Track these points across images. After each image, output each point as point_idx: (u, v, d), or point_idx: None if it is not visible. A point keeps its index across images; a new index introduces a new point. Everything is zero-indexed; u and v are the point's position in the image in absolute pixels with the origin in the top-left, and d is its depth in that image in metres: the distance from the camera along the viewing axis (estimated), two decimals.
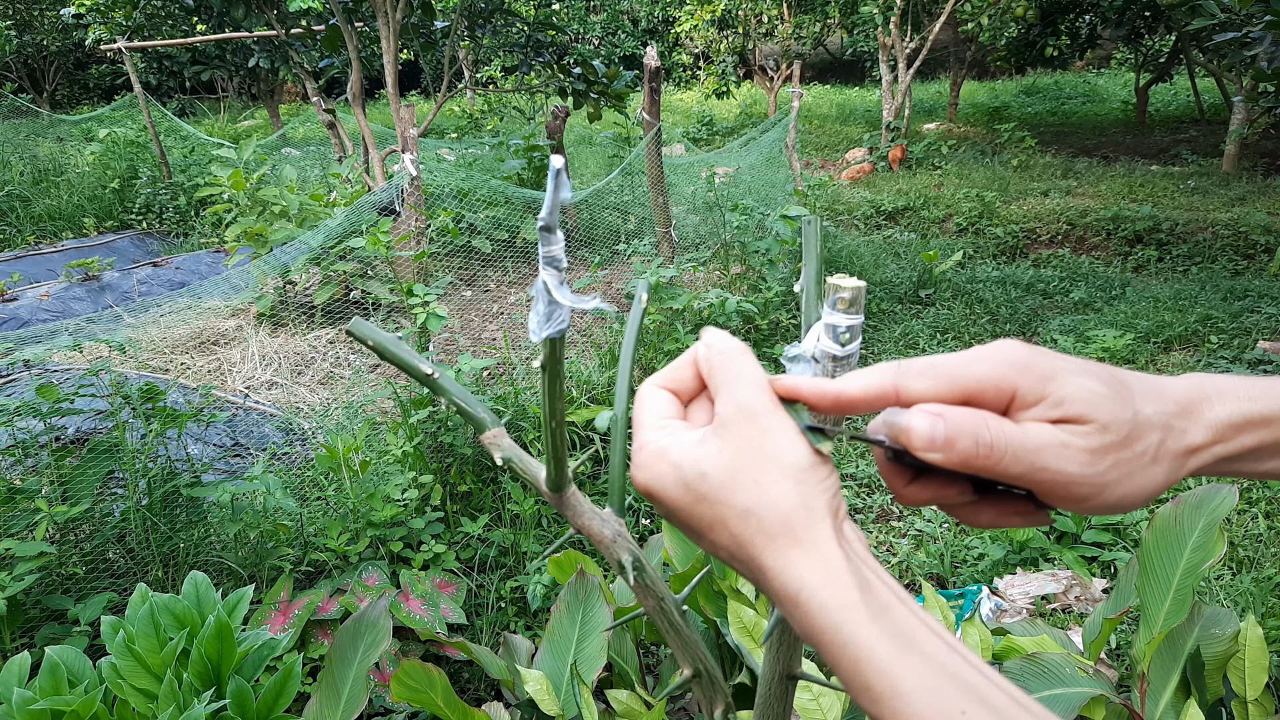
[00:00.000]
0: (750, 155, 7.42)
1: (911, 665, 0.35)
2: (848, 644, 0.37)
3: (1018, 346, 0.42)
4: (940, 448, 0.39)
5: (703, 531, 0.42)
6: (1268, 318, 4.95)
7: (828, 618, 0.37)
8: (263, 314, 5.01)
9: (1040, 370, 0.41)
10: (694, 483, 0.41)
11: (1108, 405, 0.40)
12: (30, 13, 14.38)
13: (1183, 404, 0.42)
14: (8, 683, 1.41)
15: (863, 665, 0.36)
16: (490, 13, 6.11)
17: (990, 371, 0.41)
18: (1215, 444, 0.42)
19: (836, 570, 0.38)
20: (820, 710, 1.47)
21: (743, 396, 0.42)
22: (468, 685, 2.26)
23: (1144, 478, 0.41)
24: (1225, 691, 1.50)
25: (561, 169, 0.48)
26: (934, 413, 0.40)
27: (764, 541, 0.40)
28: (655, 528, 3.05)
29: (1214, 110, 11.10)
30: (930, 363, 0.42)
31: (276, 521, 2.33)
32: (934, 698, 0.35)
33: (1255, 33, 4.58)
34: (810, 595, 0.38)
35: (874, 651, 0.36)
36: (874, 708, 0.36)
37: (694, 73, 18.15)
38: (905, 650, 0.36)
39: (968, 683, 0.35)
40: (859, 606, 0.37)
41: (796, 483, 0.40)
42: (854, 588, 0.38)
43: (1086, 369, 0.41)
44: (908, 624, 0.37)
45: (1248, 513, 3.04)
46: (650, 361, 3.89)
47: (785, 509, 0.40)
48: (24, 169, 8.99)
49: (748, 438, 0.41)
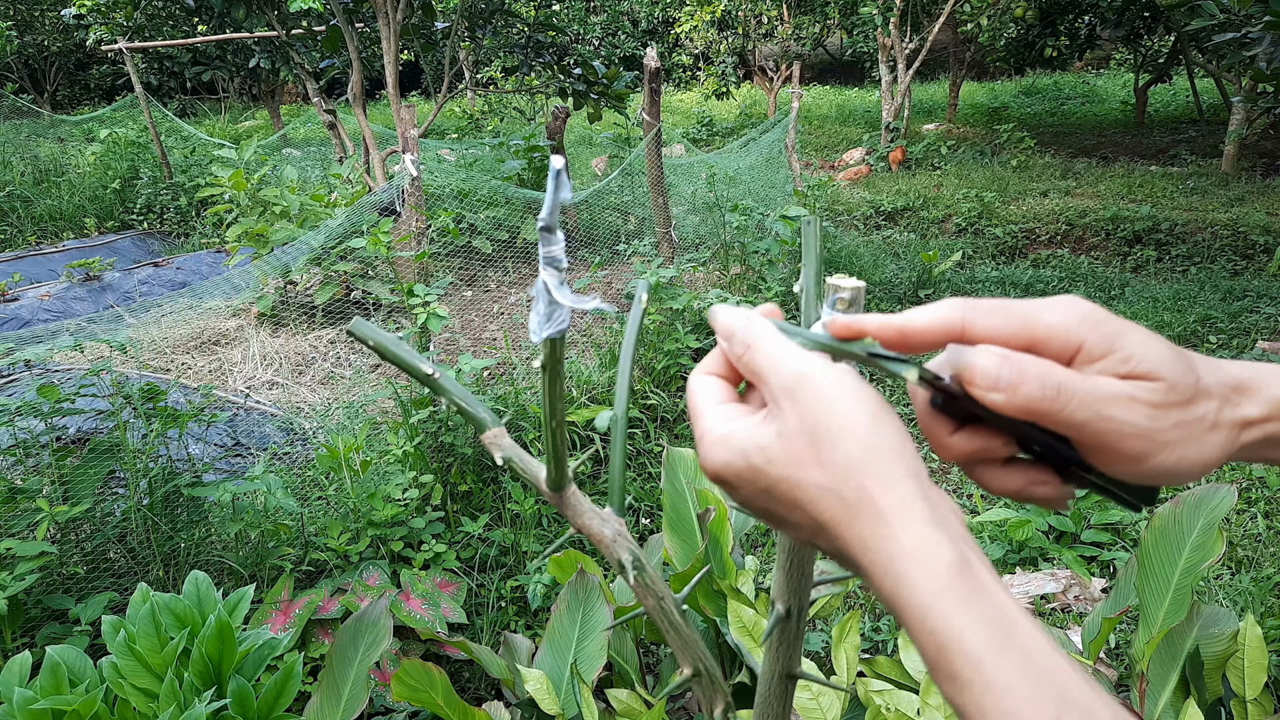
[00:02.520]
0: (750, 156, 7.42)
1: (1008, 660, 0.33)
2: (937, 629, 0.34)
3: (1086, 303, 0.41)
4: (1004, 388, 0.38)
5: (782, 515, 0.41)
6: (1267, 318, 4.95)
7: (917, 598, 0.35)
8: (263, 314, 5.01)
9: (1109, 328, 0.40)
10: (762, 468, 0.40)
11: (1175, 365, 0.40)
12: (31, 13, 14.38)
13: (1239, 380, 0.42)
14: (9, 682, 1.42)
15: (952, 652, 0.34)
16: (490, 13, 6.12)
17: (1060, 320, 0.40)
18: (1268, 420, 0.42)
19: (926, 545, 0.36)
20: (820, 710, 1.47)
21: (781, 375, 0.41)
22: (468, 684, 2.27)
23: (1202, 445, 0.40)
24: (1224, 691, 1.51)
25: (562, 169, 0.48)
26: (1001, 354, 0.39)
27: (846, 518, 0.38)
28: (655, 527, 3.05)
29: (1213, 111, 11.10)
30: (1000, 303, 0.41)
31: (277, 521, 2.33)
32: (1032, 696, 0.32)
33: (1254, 33, 4.58)
34: (899, 572, 0.36)
35: (965, 639, 0.33)
36: (957, 696, 0.34)
37: (694, 73, 18.15)
38: (1003, 643, 0.33)
39: (1062, 683, 0.33)
40: (952, 587, 0.34)
41: (865, 449, 0.38)
42: (947, 566, 0.35)
43: (1151, 334, 0.41)
44: (1007, 612, 0.34)
45: (1246, 512, 3.05)
46: (650, 362, 3.90)
47: (860, 480, 0.37)
48: (25, 169, 9.00)
49: (800, 415, 0.39)
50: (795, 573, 0.69)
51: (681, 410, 3.82)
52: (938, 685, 0.35)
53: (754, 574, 1.85)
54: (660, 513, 2.39)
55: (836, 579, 0.85)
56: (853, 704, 1.55)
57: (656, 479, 3.32)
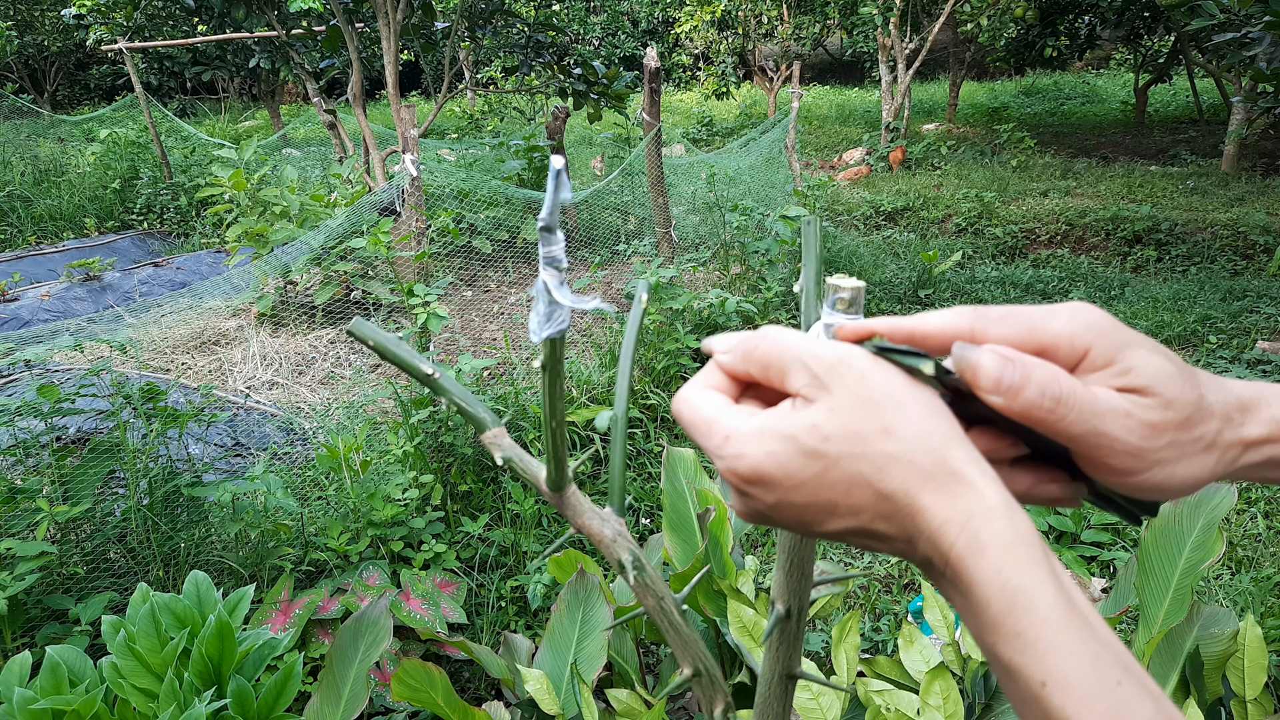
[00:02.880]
0: (750, 156, 7.42)
1: (1073, 625, 0.33)
2: (1010, 584, 0.34)
3: (1095, 310, 0.42)
4: (1005, 391, 0.38)
5: (837, 501, 0.38)
6: (1266, 318, 4.95)
7: (993, 554, 0.35)
8: (263, 314, 5.02)
9: (1115, 337, 0.40)
10: (818, 448, 0.38)
11: (1175, 383, 0.40)
12: (31, 13, 14.39)
13: (1243, 400, 0.42)
14: (9, 682, 1.42)
15: (1021, 609, 0.34)
16: (490, 13, 6.12)
17: (1067, 327, 0.40)
18: (1269, 442, 0.42)
19: (1005, 503, 0.36)
20: (820, 710, 1.47)
21: (821, 358, 0.40)
22: (468, 684, 2.27)
23: (1193, 464, 0.40)
24: (1224, 691, 1.51)
25: (562, 169, 0.48)
26: (1006, 355, 0.39)
27: (918, 482, 0.37)
28: (655, 527, 3.05)
29: (1213, 111, 11.10)
30: (1009, 310, 0.42)
31: (277, 521, 2.33)
32: (1095, 662, 0.33)
33: (1254, 33, 4.58)
34: (977, 529, 0.35)
35: (1036, 599, 0.34)
36: (1019, 655, 0.34)
37: (694, 73, 18.16)
38: (1069, 608, 0.34)
39: (1120, 653, 0.34)
40: (1026, 547, 0.35)
41: (929, 414, 0.38)
42: (1022, 526, 0.35)
43: (1158, 347, 0.41)
44: (1068, 581, 0.35)
45: (1246, 512, 3.05)
46: (650, 361, 3.90)
47: (932, 443, 0.37)
48: (25, 169, 9.00)
49: (853, 390, 0.38)
50: (795, 573, 0.69)
51: None
52: (992, 644, 0.35)
53: (754, 574, 1.85)
54: (660, 513, 2.39)
55: (836, 579, 0.85)
56: (853, 704, 1.55)
57: (656, 479, 3.32)
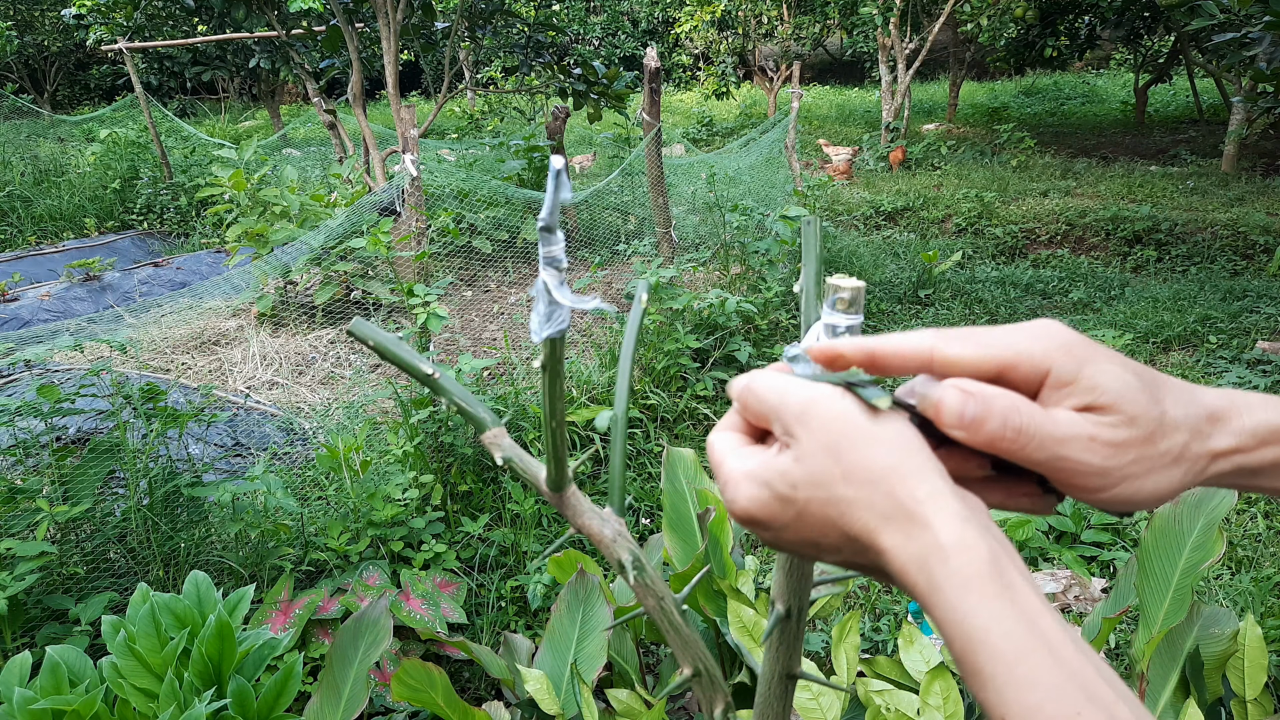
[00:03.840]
0: (750, 156, 7.42)
1: (1033, 657, 0.33)
2: (965, 624, 0.34)
3: (1058, 326, 0.42)
4: (967, 426, 0.39)
5: (818, 540, 0.40)
6: (1266, 318, 4.95)
7: (948, 594, 0.35)
8: (263, 314, 5.02)
9: (1078, 354, 0.40)
10: (789, 495, 0.40)
11: (1138, 399, 0.40)
12: (31, 13, 14.39)
13: (1213, 411, 0.42)
14: (9, 682, 1.42)
15: (978, 646, 0.34)
16: (490, 13, 6.12)
17: (1028, 346, 0.41)
18: (1238, 452, 0.42)
19: (960, 541, 0.36)
20: (820, 709, 1.47)
21: (790, 404, 0.41)
22: (468, 684, 2.27)
23: (1160, 478, 0.40)
24: (1224, 691, 1.51)
25: (562, 169, 0.48)
26: (966, 390, 0.39)
27: (877, 525, 0.38)
28: (655, 528, 3.05)
29: (1213, 111, 11.10)
30: (969, 331, 0.42)
31: (277, 521, 2.33)
32: (1055, 693, 0.32)
33: (1254, 33, 4.58)
34: (932, 569, 0.36)
35: (991, 635, 0.34)
36: (982, 692, 0.34)
37: (694, 73, 18.16)
38: (1029, 639, 0.33)
39: (1086, 682, 0.33)
40: (982, 583, 0.35)
41: (888, 453, 0.38)
42: (979, 562, 0.35)
43: (1124, 361, 0.41)
44: (1034, 609, 0.34)
45: (1246, 512, 3.05)
46: (650, 362, 3.90)
47: (889, 487, 0.38)
48: (25, 169, 9.00)
49: (815, 435, 0.40)
50: (795, 573, 0.69)
51: (681, 410, 3.82)
52: (966, 683, 0.36)
53: (754, 574, 1.85)
54: (660, 513, 2.39)
55: (836, 579, 0.85)
56: (853, 704, 1.55)
57: (656, 479, 3.32)
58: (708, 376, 3.96)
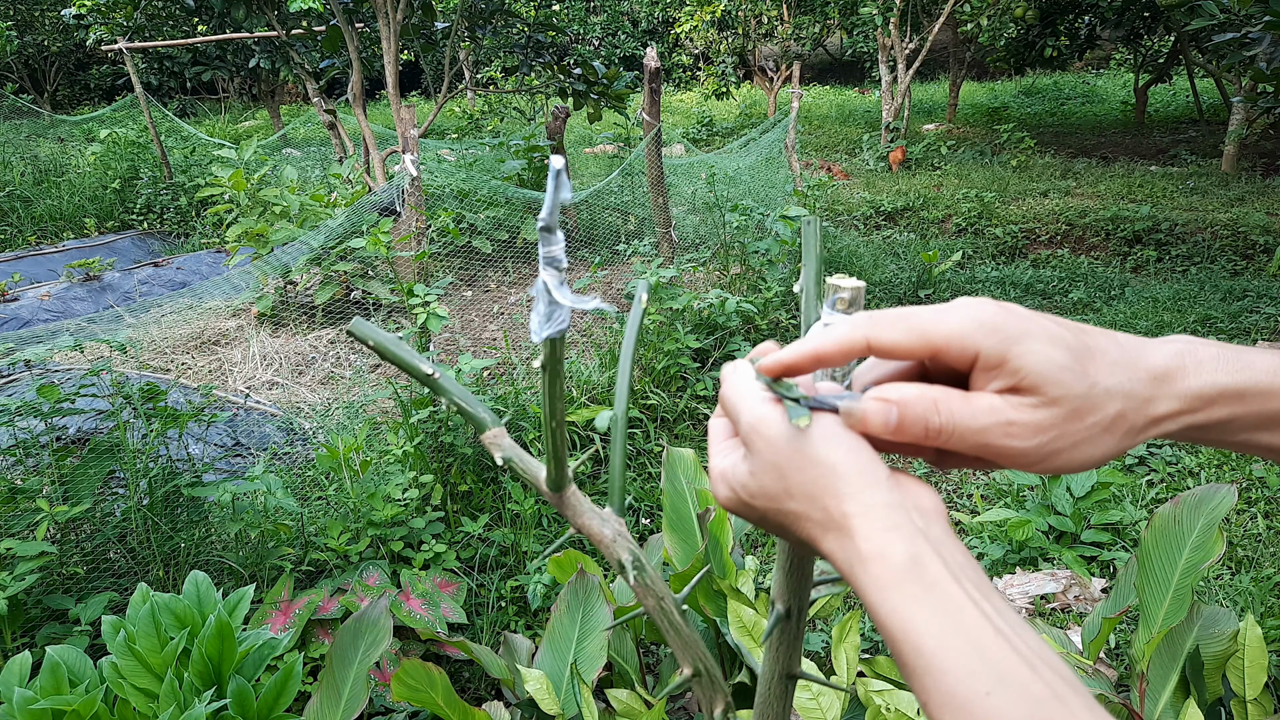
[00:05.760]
0: (750, 156, 7.42)
1: (949, 645, 0.36)
2: (888, 623, 0.38)
3: (989, 306, 0.42)
4: (892, 432, 0.42)
5: (784, 534, 0.46)
6: (1266, 318, 4.95)
7: (873, 597, 0.39)
8: (263, 314, 5.01)
9: (1007, 333, 0.41)
10: (750, 502, 0.46)
11: (1063, 377, 0.40)
12: (31, 13, 14.38)
13: (1157, 373, 0.42)
14: (9, 682, 1.42)
15: (900, 642, 0.37)
16: (490, 13, 6.12)
17: (957, 329, 0.42)
18: (1183, 414, 0.43)
19: (879, 549, 0.39)
20: (820, 709, 1.47)
21: (745, 416, 0.45)
22: (468, 684, 2.27)
23: (1090, 447, 0.42)
24: (1224, 691, 1.51)
25: (562, 169, 0.48)
26: (886, 399, 0.42)
27: (819, 535, 0.43)
28: (655, 527, 3.05)
29: (1213, 111, 11.10)
30: (901, 314, 0.43)
31: (277, 521, 2.33)
32: (964, 684, 0.35)
33: (1254, 33, 4.58)
34: (858, 575, 0.40)
35: (909, 630, 0.37)
36: (910, 684, 0.38)
37: (694, 73, 18.15)
38: (947, 630, 0.36)
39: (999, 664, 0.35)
40: (902, 584, 0.38)
41: (823, 473, 0.42)
42: (898, 565, 0.39)
43: (1055, 335, 0.41)
44: (955, 602, 0.37)
45: (1246, 512, 3.05)
46: (650, 362, 3.90)
47: (824, 503, 0.42)
48: (25, 169, 9.00)
49: (762, 453, 0.44)
50: (795, 573, 0.69)
51: (681, 410, 3.83)
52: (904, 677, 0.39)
53: (754, 574, 1.85)
54: (660, 513, 2.39)
55: (836, 579, 0.85)
56: (853, 704, 1.55)
57: (656, 479, 3.32)
58: (707, 376, 3.96)
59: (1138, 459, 3.44)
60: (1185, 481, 3.30)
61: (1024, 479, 3.14)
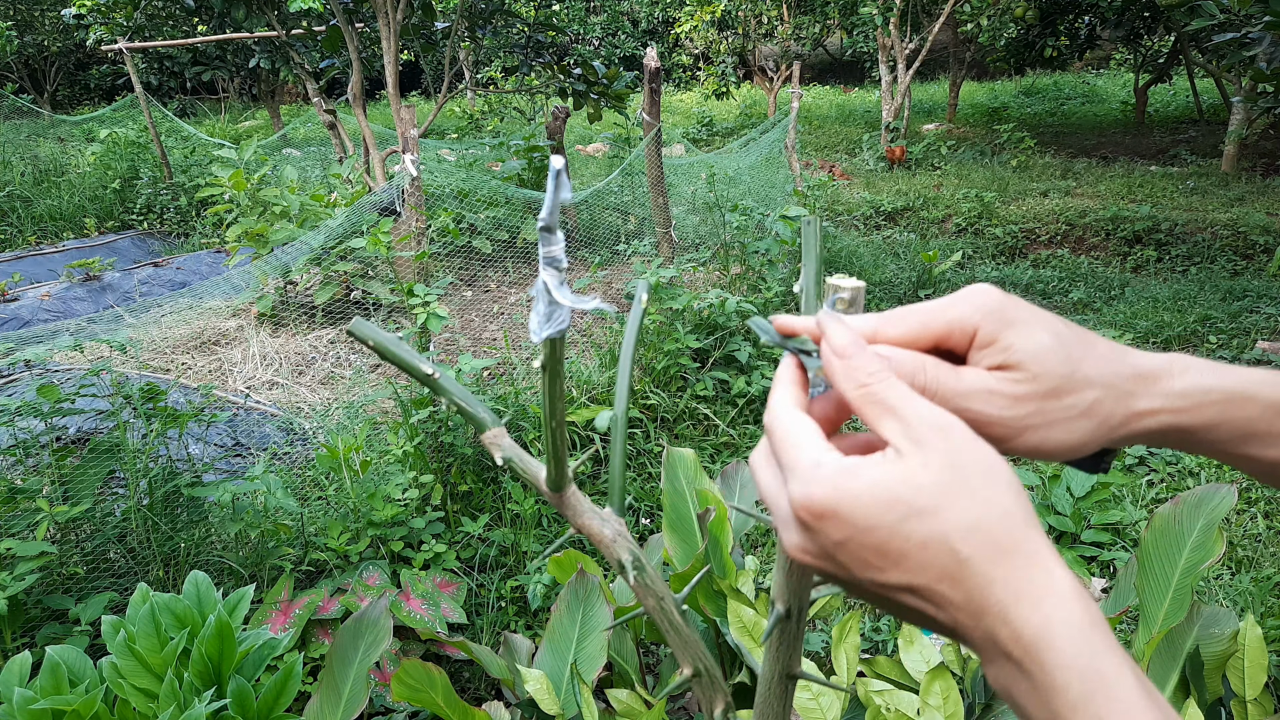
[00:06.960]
0: (750, 156, 7.42)
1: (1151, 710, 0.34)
2: (1089, 671, 0.34)
3: (992, 292, 0.45)
4: None
5: (908, 552, 0.37)
6: (1266, 318, 4.95)
7: (1069, 640, 0.35)
8: (263, 314, 5.01)
9: (1005, 316, 0.44)
10: (906, 497, 0.37)
11: (1047, 358, 0.43)
12: (31, 13, 14.38)
13: (1142, 371, 0.44)
14: (9, 682, 1.42)
15: (1103, 697, 0.34)
16: (490, 13, 6.12)
17: (958, 315, 0.44)
18: (1165, 412, 0.44)
19: (1076, 589, 0.36)
20: (820, 709, 1.47)
21: (931, 414, 0.40)
22: (468, 684, 2.27)
23: (1069, 428, 0.43)
24: (1224, 691, 1.51)
25: (562, 169, 0.48)
26: (881, 356, 0.43)
27: (991, 556, 0.36)
28: (655, 527, 3.05)
29: (1213, 111, 11.10)
30: (909, 309, 0.46)
31: (277, 521, 2.33)
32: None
33: (1254, 33, 4.58)
34: (1049, 612, 0.35)
35: (1117, 685, 0.34)
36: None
37: (694, 73, 18.16)
38: (1146, 693, 0.34)
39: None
40: (1099, 632, 0.35)
41: (1016, 495, 0.38)
42: (1093, 611, 0.36)
43: (1049, 325, 0.44)
44: (1135, 663, 0.36)
45: (1246, 512, 3.05)
46: (650, 361, 3.89)
47: (1013, 523, 0.37)
48: (25, 169, 9.00)
49: (950, 452, 0.38)
50: (795, 573, 0.69)
51: (681, 410, 3.82)
52: None
53: (754, 574, 1.85)
54: (660, 513, 2.39)
55: None
56: (853, 704, 1.55)
57: (656, 479, 3.32)
58: (708, 376, 3.96)
59: (1138, 459, 3.44)
60: (1185, 481, 3.30)
61: (1024, 479, 3.14)
